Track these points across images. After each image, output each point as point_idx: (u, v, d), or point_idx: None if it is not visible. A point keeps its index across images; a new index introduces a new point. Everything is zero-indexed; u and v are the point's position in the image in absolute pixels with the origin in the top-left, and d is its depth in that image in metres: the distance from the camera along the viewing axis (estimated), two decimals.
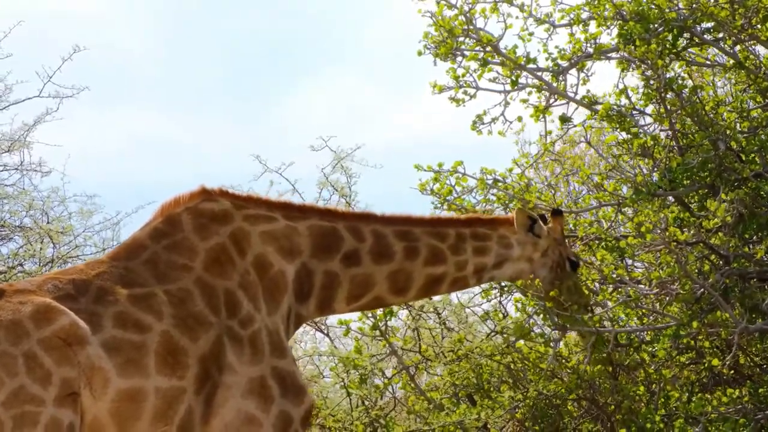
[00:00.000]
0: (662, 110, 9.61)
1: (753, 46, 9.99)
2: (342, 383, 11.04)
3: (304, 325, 12.16)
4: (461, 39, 9.76)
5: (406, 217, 7.76)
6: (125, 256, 6.92)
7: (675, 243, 8.85)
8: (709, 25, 9.81)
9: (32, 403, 6.03)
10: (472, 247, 7.87)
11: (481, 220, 8.08)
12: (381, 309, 10.13)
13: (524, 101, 9.83)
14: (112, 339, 6.37)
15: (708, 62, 10.33)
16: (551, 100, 9.86)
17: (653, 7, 9.51)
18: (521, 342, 9.79)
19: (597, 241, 9.62)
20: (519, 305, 9.54)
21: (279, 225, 7.33)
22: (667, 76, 9.54)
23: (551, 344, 9.58)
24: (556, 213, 8.24)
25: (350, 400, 11.31)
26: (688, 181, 9.45)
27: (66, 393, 6.13)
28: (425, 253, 7.69)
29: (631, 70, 9.71)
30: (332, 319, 12.18)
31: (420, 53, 9.70)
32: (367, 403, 10.93)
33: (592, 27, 9.78)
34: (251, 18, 29.34)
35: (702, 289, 9.09)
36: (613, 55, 9.79)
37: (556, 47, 9.79)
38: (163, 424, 6.42)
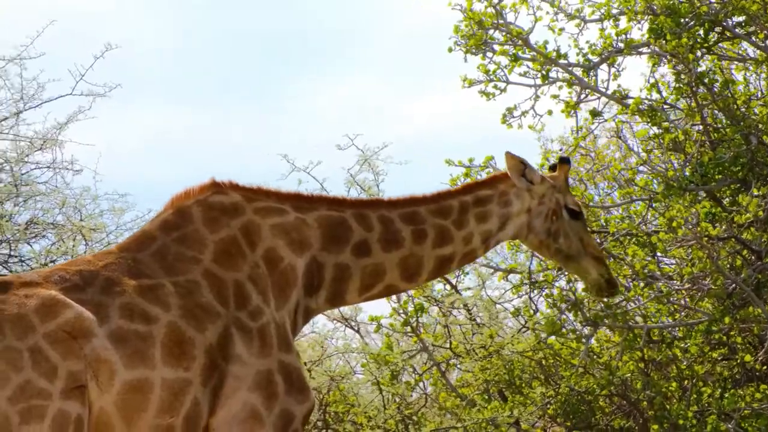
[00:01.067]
0: (693, 105, 9.56)
1: None
2: (374, 380, 11.06)
3: (335, 321, 12.20)
4: (491, 32, 9.75)
5: (410, 198, 7.64)
6: (134, 247, 6.91)
7: (707, 238, 8.80)
8: (741, 19, 9.75)
9: (39, 397, 6.01)
10: (474, 215, 7.60)
11: (480, 182, 7.76)
12: (411, 305, 10.13)
13: (555, 97, 9.81)
14: (118, 330, 6.35)
15: (739, 56, 10.26)
16: (582, 95, 9.83)
17: (684, 1, 9.47)
18: (552, 338, 9.77)
19: (628, 237, 9.59)
20: (550, 301, 9.51)
21: (289, 217, 7.30)
22: (698, 70, 9.49)
23: (583, 340, 9.55)
24: (564, 160, 7.87)
25: (382, 396, 11.32)
26: (720, 176, 9.39)
27: (73, 386, 6.10)
28: (432, 234, 7.50)
29: (661, 64, 9.67)
30: (363, 316, 12.21)
31: (450, 50, 9.70)
32: (398, 399, 10.94)
33: (623, 22, 9.74)
34: (274, 14, 29.41)
35: (734, 285, 9.05)
36: (644, 50, 9.75)
37: (587, 42, 9.76)
38: (168, 415, 6.38)
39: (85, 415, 6.13)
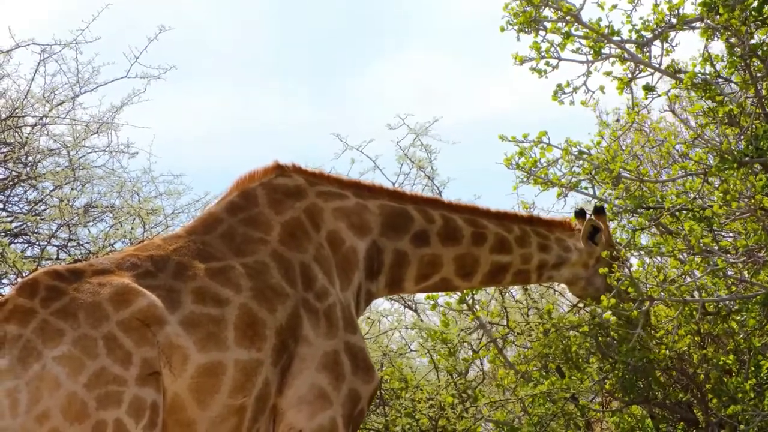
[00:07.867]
0: (747, 77, 9.51)
1: None
2: (428, 355, 11.13)
3: (391, 300, 12.29)
4: (542, 10, 9.71)
5: (472, 206, 8.01)
6: (202, 230, 7.01)
7: (762, 210, 8.79)
8: None
9: (114, 383, 6.11)
10: (537, 242, 8.28)
11: (540, 220, 8.47)
12: None
13: (608, 73, 9.77)
14: (191, 315, 6.45)
15: None
16: (636, 72, 9.79)
17: None
18: (609, 314, 9.76)
19: (684, 212, 9.56)
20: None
21: (350, 202, 7.43)
22: (752, 42, 9.43)
23: (639, 315, 9.53)
24: (599, 210, 8.77)
25: (437, 373, 11.39)
26: None
27: (147, 372, 6.21)
28: (492, 240, 7.99)
29: (715, 39, 9.60)
30: (420, 296, 12.28)
31: (503, 29, 9.67)
32: (455, 376, 11.00)
33: None
34: None
35: None
36: (697, 24, 9.68)
37: (641, 18, 9.71)
38: (241, 396, 6.49)
39: (159, 401, 6.25)
